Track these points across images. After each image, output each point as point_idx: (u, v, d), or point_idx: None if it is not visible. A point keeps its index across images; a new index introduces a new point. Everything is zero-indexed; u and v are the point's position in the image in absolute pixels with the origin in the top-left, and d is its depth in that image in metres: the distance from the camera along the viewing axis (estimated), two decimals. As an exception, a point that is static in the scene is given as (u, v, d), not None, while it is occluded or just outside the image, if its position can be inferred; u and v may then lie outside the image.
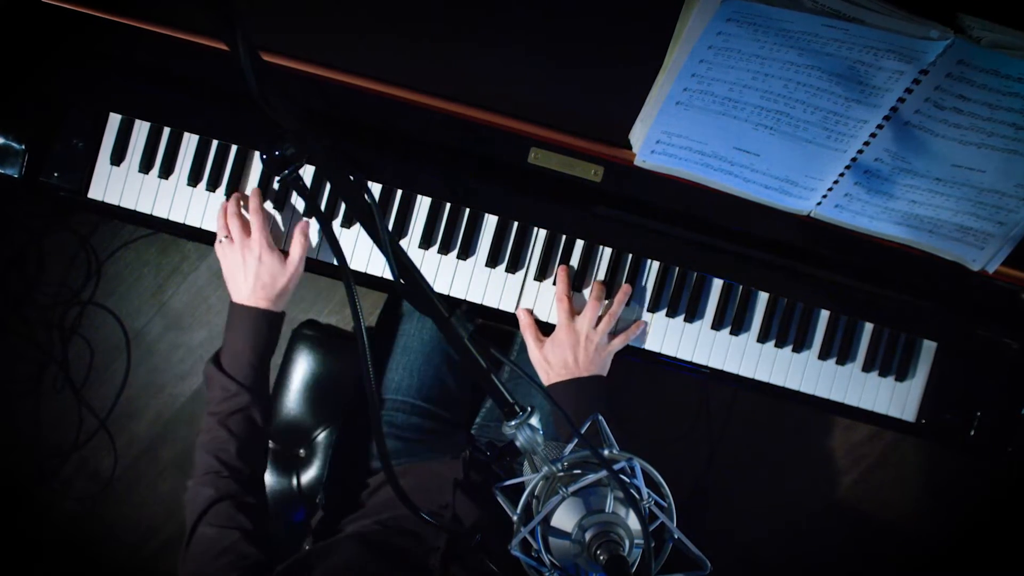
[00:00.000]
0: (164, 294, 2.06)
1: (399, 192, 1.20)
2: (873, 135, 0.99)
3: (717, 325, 1.21)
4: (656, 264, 1.21)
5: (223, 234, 1.14)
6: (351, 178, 0.85)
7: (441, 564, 0.92)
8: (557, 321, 1.16)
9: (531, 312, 1.19)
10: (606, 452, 0.73)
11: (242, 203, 1.16)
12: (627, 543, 0.67)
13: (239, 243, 1.12)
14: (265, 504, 1.09)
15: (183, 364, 2.08)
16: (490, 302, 1.20)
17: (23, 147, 1.16)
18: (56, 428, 2.05)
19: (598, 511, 0.69)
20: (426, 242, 1.20)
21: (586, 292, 1.20)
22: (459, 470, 1.15)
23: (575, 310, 1.16)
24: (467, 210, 1.20)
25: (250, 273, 1.11)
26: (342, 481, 1.29)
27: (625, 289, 1.17)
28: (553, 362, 1.14)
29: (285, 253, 1.15)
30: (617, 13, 1.04)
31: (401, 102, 1.09)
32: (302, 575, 0.91)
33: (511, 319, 1.20)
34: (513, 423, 0.78)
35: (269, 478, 1.43)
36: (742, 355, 1.21)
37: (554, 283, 1.20)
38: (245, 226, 1.14)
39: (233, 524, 1.00)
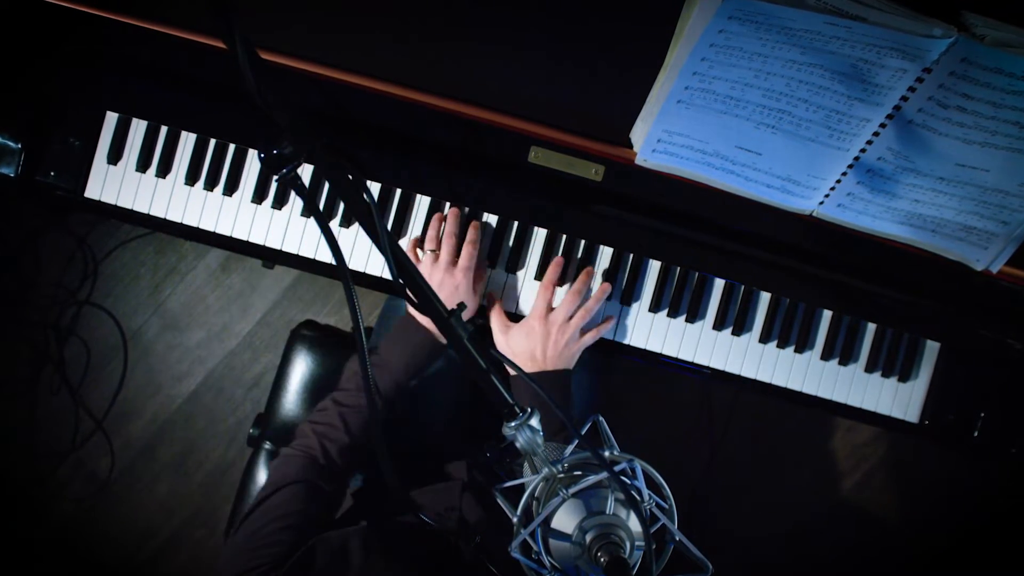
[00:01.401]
0: (161, 294, 2.05)
1: (398, 191, 1.19)
2: (876, 134, 0.98)
3: (719, 325, 1.21)
4: (657, 264, 1.20)
5: (431, 246, 1.14)
6: (349, 177, 0.84)
7: (459, 558, 0.92)
8: (532, 308, 1.15)
9: (498, 297, 1.18)
10: (607, 453, 0.73)
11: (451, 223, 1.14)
12: (628, 545, 0.67)
13: (444, 266, 1.12)
14: (335, 507, 1.08)
15: (180, 364, 2.07)
16: (490, 302, 1.20)
17: (19, 146, 1.15)
18: (53, 429, 2.04)
19: (599, 513, 0.68)
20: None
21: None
22: (463, 471, 1.14)
23: (553, 303, 1.15)
24: (466, 209, 1.19)
25: (443, 296, 1.10)
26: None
27: (604, 287, 1.16)
28: (518, 352, 1.13)
29: None
30: (618, 11, 1.03)
31: (400, 100, 1.09)
32: (325, 555, 0.90)
33: (511, 319, 1.20)
34: (513, 424, 0.77)
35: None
36: (744, 356, 1.21)
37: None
38: (456, 250, 1.13)
39: (300, 510, 0.97)
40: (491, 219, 1.19)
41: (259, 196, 1.19)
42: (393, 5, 1.07)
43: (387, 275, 1.18)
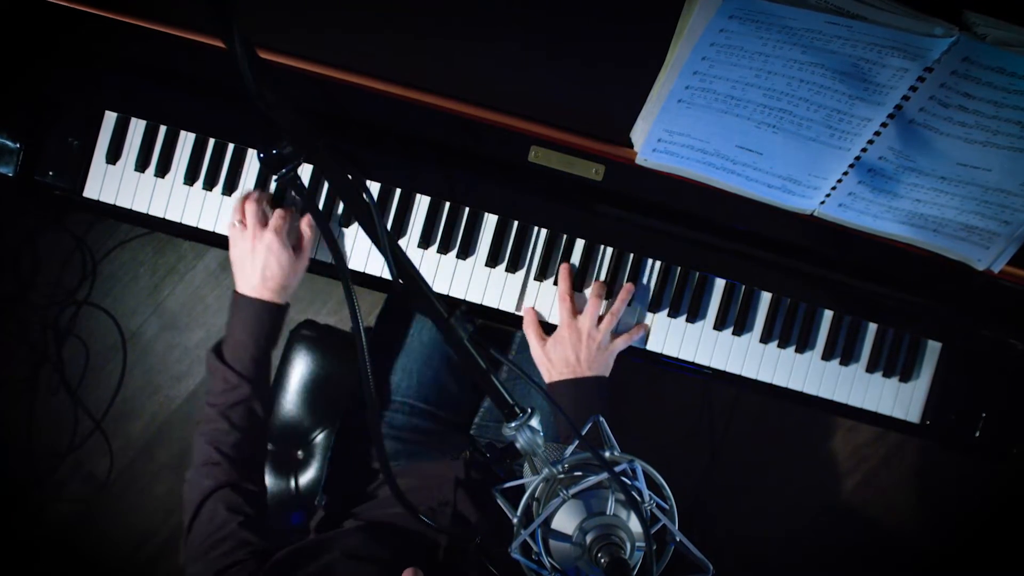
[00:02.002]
0: (160, 294, 2.05)
1: (398, 191, 1.19)
2: (877, 133, 0.98)
3: (719, 325, 1.20)
4: (658, 264, 1.20)
5: (238, 218, 1.14)
6: (349, 177, 0.84)
7: (445, 558, 0.92)
8: (559, 320, 1.15)
9: (535, 310, 1.18)
10: (607, 454, 0.72)
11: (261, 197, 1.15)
12: (628, 546, 0.67)
13: (252, 231, 1.12)
14: (264, 490, 1.09)
15: (179, 365, 2.06)
16: (490, 302, 1.19)
17: (18, 145, 1.15)
18: (51, 430, 2.04)
19: (599, 513, 0.68)
20: (425, 241, 1.19)
21: (587, 291, 1.19)
22: (460, 469, 1.14)
23: (577, 309, 1.15)
24: (466, 209, 1.19)
25: (258, 263, 1.11)
26: (343, 481, 1.28)
27: (628, 288, 1.16)
28: (555, 360, 1.13)
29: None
30: (618, 9, 1.03)
31: (400, 100, 1.08)
32: (305, 561, 0.91)
33: (511, 319, 1.19)
34: (513, 424, 0.77)
35: (267, 480, 1.41)
36: (744, 356, 1.20)
37: (555, 283, 1.19)
38: (262, 216, 1.13)
39: (231, 510, 0.99)
40: (491, 219, 1.19)
41: (258, 196, 1.19)
42: (392, 4, 1.06)
43: (386, 274, 1.18)
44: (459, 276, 1.20)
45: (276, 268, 1.11)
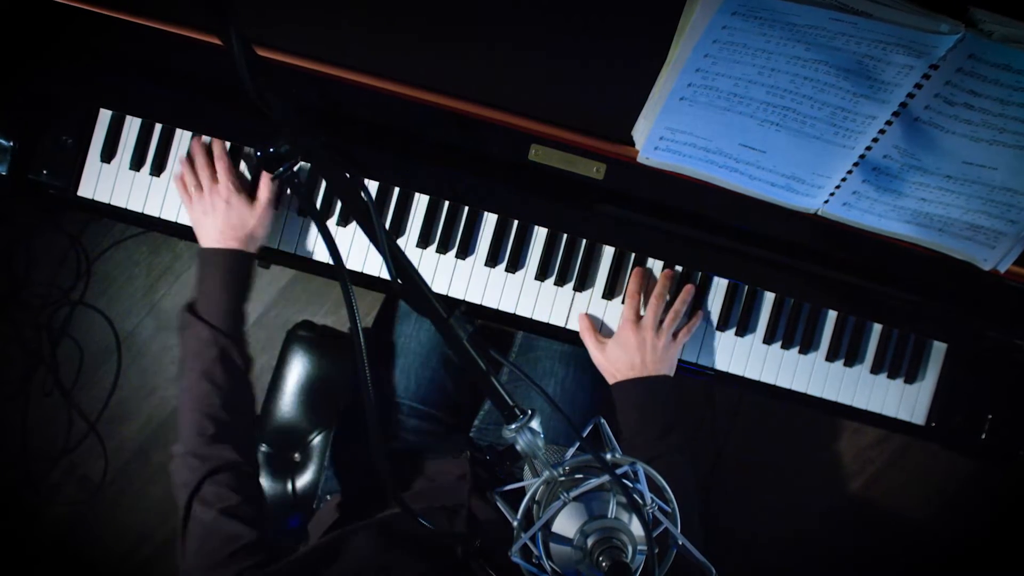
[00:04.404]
0: (156, 294, 2.04)
1: (396, 190, 1.18)
2: (882, 131, 0.97)
3: (722, 326, 1.19)
4: (660, 264, 1.19)
5: (192, 183, 1.13)
6: (347, 175, 0.83)
7: (463, 558, 0.90)
8: (622, 318, 1.15)
9: (589, 316, 1.17)
10: (608, 456, 0.71)
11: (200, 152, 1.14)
12: (630, 549, 0.66)
13: (207, 189, 1.11)
14: (257, 469, 1.06)
15: (175, 366, 2.05)
16: (489, 302, 1.18)
17: (11, 144, 1.14)
18: (45, 432, 2.02)
19: (600, 517, 0.67)
20: (424, 241, 1.18)
21: (592, 292, 1.18)
22: (465, 468, 1.13)
23: (639, 309, 1.14)
24: (466, 208, 1.18)
25: (219, 217, 1.10)
26: (343, 483, 1.26)
27: (688, 289, 1.16)
28: (618, 364, 1.12)
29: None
30: (619, 6, 1.02)
31: (398, 97, 1.08)
32: (320, 565, 0.89)
33: (511, 319, 1.18)
34: (513, 426, 0.76)
35: (263, 483, 1.40)
36: (748, 357, 1.19)
37: (554, 283, 1.18)
38: (212, 173, 1.13)
39: (230, 503, 0.96)
40: (491, 218, 1.18)
41: (255, 195, 1.18)
42: (392, 1, 1.05)
43: (385, 275, 1.17)
44: (458, 276, 1.19)
45: (236, 219, 1.10)
